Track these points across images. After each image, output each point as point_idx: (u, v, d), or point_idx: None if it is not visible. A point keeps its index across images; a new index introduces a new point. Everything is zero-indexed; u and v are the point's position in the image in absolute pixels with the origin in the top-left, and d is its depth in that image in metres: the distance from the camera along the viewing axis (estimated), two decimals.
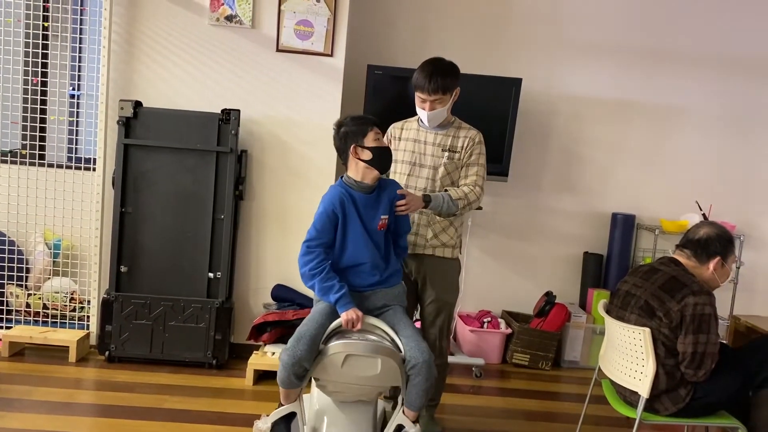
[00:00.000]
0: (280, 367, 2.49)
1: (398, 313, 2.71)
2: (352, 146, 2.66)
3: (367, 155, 2.65)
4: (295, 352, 2.44)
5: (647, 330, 2.57)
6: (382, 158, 2.69)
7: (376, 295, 2.72)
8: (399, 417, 2.57)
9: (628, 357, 2.68)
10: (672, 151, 4.68)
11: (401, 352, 2.52)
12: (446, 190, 3.00)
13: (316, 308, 2.67)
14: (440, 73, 2.93)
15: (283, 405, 2.62)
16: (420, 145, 3.07)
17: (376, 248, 2.71)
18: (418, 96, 2.99)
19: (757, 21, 4.59)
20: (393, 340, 2.56)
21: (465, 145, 3.04)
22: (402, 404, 2.57)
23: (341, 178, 2.76)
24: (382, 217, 2.73)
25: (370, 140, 2.65)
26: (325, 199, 2.71)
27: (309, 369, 2.48)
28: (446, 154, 3.04)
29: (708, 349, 2.55)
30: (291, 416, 2.62)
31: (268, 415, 2.64)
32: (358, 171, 2.69)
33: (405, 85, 3.92)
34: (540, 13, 4.52)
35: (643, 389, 2.61)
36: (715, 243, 2.69)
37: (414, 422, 2.58)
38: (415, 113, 3.12)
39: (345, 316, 2.55)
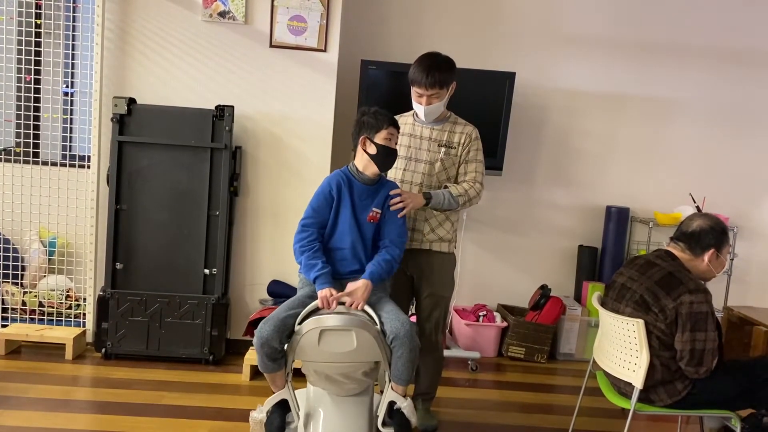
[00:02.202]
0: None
1: (377, 294, 2.74)
2: (363, 137, 2.78)
3: (372, 149, 2.76)
4: (261, 332, 2.49)
5: (641, 321, 2.59)
6: (385, 157, 2.78)
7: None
8: (389, 394, 2.61)
9: (622, 348, 2.70)
10: (665, 144, 4.70)
11: (377, 325, 2.55)
12: (446, 187, 3.02)
13: (294, 296, 2.75)
14: (437, 68, 2.94)
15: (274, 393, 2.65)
16: (416, 140, 3.08)
17: (360, 238, 2.79)
18: (415, 90, 3.00)
19: (750, 14, 4.60)
20: (369, 316, 2.59)
21: (462, 141, 3.06)
22: (389, 381, 2.60)
23: (347, 165, 2.87)
24: (374, 209, 2.81)
25: (380, 137, 2.76)
26: (324, 180, 2.85)
27: (280, 349, 2.52)
28: (443, 149, 3.05)
29: (707, 346, 2.55)
30: (286, 404, 2.65)
31: (263, 405, 2.66)
32: (362, 162, 2.81)
33: (399, 80, 3.95)
34: (533, 6, 4.52)
35: (637, 380, 2.62)
36: (709, 235, 2.69)
37: (404, 396, 2.61)
38: (409, 108, 3.13)
39: (320, 293, 2.61)
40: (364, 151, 2.77)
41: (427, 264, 3.11)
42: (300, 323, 2.55)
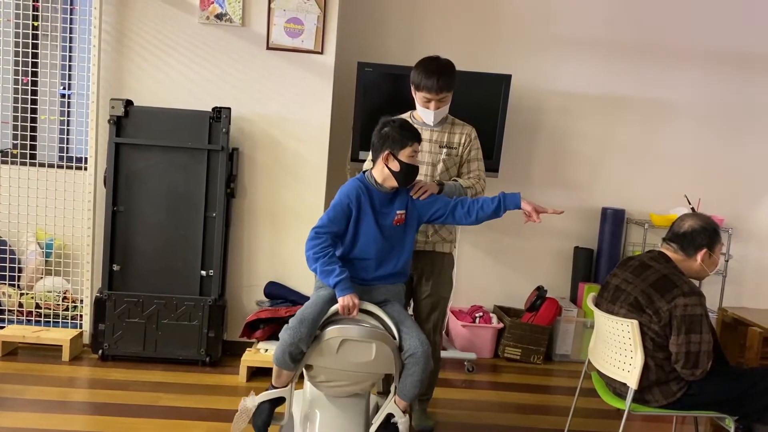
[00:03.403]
0: (278, 345, 2.51)
1: (397, 306, 2.75)
2: (387, 151, 2.69)
3: (395, 166, 2.69)
4: (297, 333, 2.45)
5: (635, 322, 2.60)
6: (407, 175, 2.73)
7: (378, 290, 2.75)
8: (390, 406, 2.60)
9: (617, 349, 2.71)
10: (661, 146, 4.72)
11: (396, 339, 2.55)
12: (455, 179, 3.05)
13: (318, 294, 2.69)
14: (445, 72, 2.97)
15: (274, 387, 2.64)
16: None
17: (388, 243, 2.74)
18: (424, 96, 2.99)
19: (745, 16, 4.63)
20: (389, 328, 2.58)
21: (462, 142, 3.09)
22: (394, 393, 2.60)
23: (363, 172, 2.81)
24: (399, 212, 2.76)
25: (405, 154, 2.69)
26: (342, 191, 2.76)
27: (305, 352, 2.51)
28: (444, 150, 3.07)
29: (702, 348, 2.56)
30: (277, 401, 2.64)
31: (256, 395, 2.65)
32: (382, 175, 2.73)
33: (395, 82, 3.96)
34: (529, 9, 4.54)
35: (632, 381, 2.63)
36: (701, 235, 2.70)
37: (404, 412, 2.60)
38: (405, 110, 3.15)
39: (342, 301, 2.56)
40: (386, 166, 2.70)
41: (428, 265, 3.13)
42: (320, 328, 2.53)
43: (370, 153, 2.80)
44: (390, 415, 2.60)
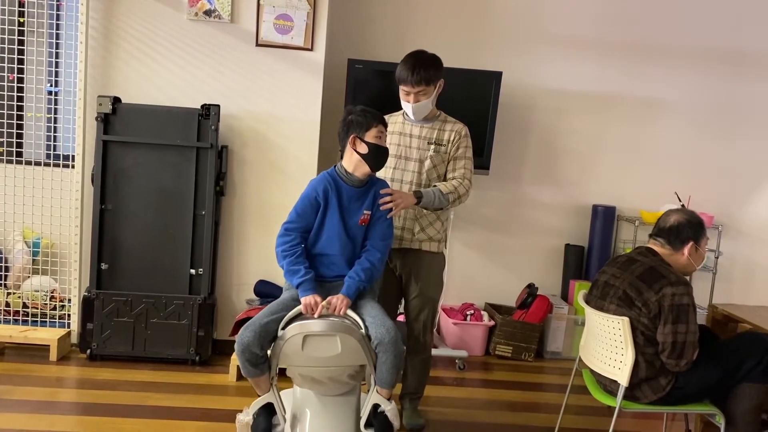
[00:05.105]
0: None
1: (363, 297, 2.73)
2: (352, 136, 2.71)
3: (363, 149, 2.70)
4: (242, 338, 2.47)
5: (626, 319, 2.60)
6: (377, 156, 2.73)
7: (341, 288, 2.73)
8: (374, 397, 2.60)
9: (607, 346, 2.71)
10: (651, 144, 4.73)
11: (361, 329, 2.54)
12: (435, 185, 3.02)
13: (278, 299, 2.72)
14: (423, 65, 2.95)
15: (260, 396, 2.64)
16: (405, 138, 3.09)
17: (350, 242, 2.74)
18: (402, 89, 3.00)
19: (737, 14, 4.64)
20: (354, 320, 2.58)
21: (452, 139, 3.07)
22: (374, 384, 2.60)
23: (334, 166, 2.81)
24: (365, 212, 2.76)
25: (371, 135, 2.71)
26: (310, 183, 2.78)
27: (262, 355, 2.51)
28: (432, 147, 3.06)
29: (688, 339, 2.58)
30: (272, 406, 2.64)
31: (248, 407, 2.65)
32: (352, 162, 2.74)
33: (386, 79, 3.94)
34: (520, 6, 4.53)
35: (623, 378, 2.64)
36: (686, 229, 2.74)
37: (388, 399, 2.61)
38: (397, 107, 3.13)
39: (304, 300, 2.59)
40: (355, 150, 2.71)
41: (416, 264, 3.11)
42: (283, 328, 2.53)
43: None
44: (377, 405, 2.60)
